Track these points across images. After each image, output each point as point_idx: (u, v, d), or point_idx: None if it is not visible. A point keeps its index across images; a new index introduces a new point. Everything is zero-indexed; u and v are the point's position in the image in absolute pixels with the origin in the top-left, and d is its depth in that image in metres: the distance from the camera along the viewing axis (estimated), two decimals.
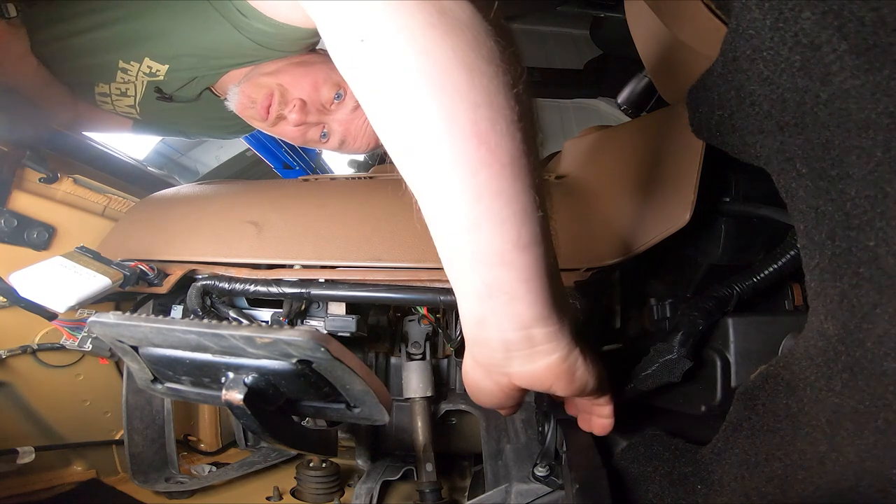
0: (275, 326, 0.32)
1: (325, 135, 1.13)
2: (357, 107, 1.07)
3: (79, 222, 0.99)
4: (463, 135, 0.35)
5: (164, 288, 0.76)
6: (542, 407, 0.80)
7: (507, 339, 0.42)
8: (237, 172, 3.70)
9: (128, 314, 0.35)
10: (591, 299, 0.69)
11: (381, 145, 0.39)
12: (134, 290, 0.77)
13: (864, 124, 0.32)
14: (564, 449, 0.67)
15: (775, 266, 0.59)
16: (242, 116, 1.10)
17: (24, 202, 0.91)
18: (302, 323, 0.83)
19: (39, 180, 0.94)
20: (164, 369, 0.38)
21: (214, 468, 1.08)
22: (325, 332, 0.67)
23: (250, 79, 1.05)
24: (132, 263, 0.75)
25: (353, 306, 0.82)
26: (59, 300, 0.67)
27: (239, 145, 3.56)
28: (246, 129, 1.28)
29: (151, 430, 0.98)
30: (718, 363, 0.61)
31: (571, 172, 0.87)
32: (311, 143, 1.15)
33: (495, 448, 0.83)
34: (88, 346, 0.77)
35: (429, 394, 0.93)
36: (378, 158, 1.39)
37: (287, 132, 1.11)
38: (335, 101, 1.08)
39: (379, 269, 0.74)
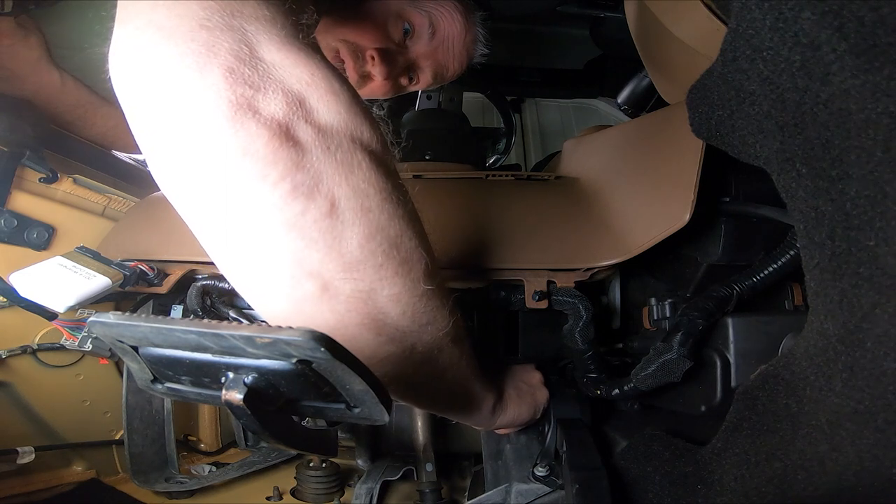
0: (275, 326, 0.32)
1: (412, 77, 1.00)
2: (434, 32, 0.94)
3: (79, 222, 0.99)
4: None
5: (164, 288, 0.76)
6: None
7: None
8: None
9: (128, 314, 0.35)
10: (591, 299, 0.69)
11: (472, 60, 0.35)
12: (134, 290, 0.77)
13: (863, 124, 0.32)
14: (564, 449, 0.67)
15: (775, 266, 0.59)
16: None
17: (24, 202, 0.91)
18: None
19: (39, 180, 0.94)
20: (164, 369, 0.38)
21: (214, 468, 1.08)
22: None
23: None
24: (132, 263, 0.75)
25: None
26: (59, 300, 0.67)
27: None
28: None
29: (151, 430, 0.98)
30: (718, 363, 0.61)
31: (571, 172, 0.87)
32: (402, 90, 1.02)
33: (495, 448, 0.83)
34: (88, 346, 0.77)
35: None
36: None
37: (376, 90, 0.97)
38: (405, 37, 0.93)
39: None
